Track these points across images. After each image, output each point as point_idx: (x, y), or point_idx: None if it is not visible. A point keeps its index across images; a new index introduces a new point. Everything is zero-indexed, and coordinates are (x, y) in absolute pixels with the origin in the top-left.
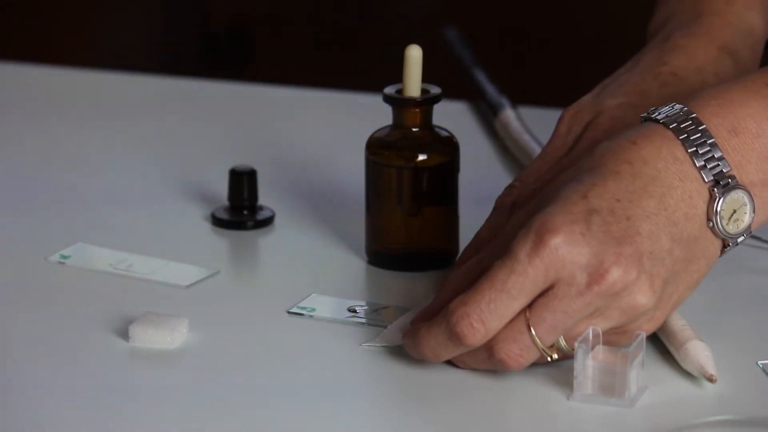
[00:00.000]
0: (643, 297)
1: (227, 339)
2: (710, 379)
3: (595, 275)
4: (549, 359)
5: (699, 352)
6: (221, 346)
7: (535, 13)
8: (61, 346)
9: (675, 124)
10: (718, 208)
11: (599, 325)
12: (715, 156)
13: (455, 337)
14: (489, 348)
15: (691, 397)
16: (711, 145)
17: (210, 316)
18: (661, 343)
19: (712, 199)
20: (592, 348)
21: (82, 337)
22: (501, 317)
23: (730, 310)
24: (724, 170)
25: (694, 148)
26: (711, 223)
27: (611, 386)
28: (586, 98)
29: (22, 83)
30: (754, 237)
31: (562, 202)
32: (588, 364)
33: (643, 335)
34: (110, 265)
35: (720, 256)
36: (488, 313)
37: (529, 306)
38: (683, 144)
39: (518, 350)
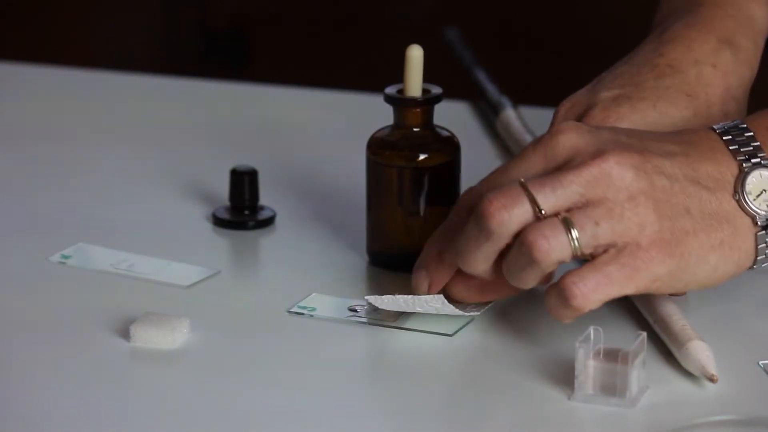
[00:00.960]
0: (644, 197)
1: (228, 339)
2: (711, 379)
3: (593, 155)
4: (539, 214)
5: (700, 352)
6: (222, 346)
7: (536, 13)
8: (62, 346)
9: (715, 125)
10: (747, 182)
11: (602, 219)
12: (752, 144)
13: (454, 211)
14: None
15: (692, 397)
16: (748, 136)
17: (211, 316)
18: (662, 343)
19: (740, 172)
20: (594, 348)
21: (83, 337)
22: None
23: (731, 310)
24: (759, 153)
25: (730, 137)
26: (737, 196)
27: (612, 386)
28: (582, 91)
29: (22, 83)
30: None
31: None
32: (589, 364)
33: (644, 335)
34: (111, 265)
35: (757, 246)
36: (486, 186)
37: None
38: (720, 134)
39: (504, 198)
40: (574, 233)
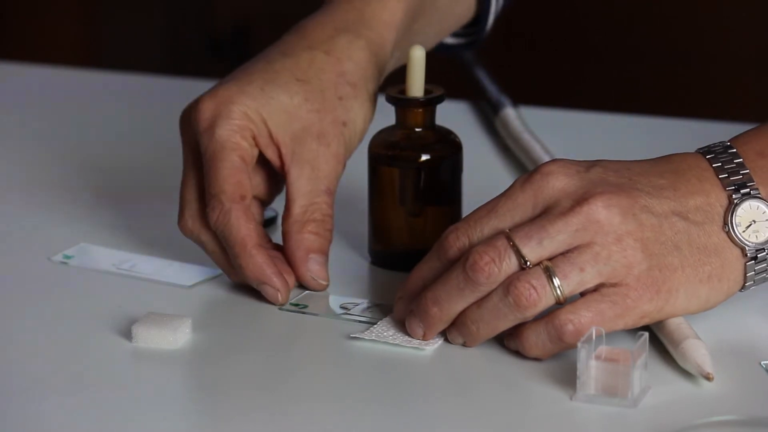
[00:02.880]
0: (632, 239)
1: (230, 339)
2: (707, 378)
3: (580, 200)
4: (525, 265)
5: (696, 351)
6: (224, 346)
7: (537, 13)
8: (64, 346)
9: (706, 148)
10: (736, 214)
11: (588, 264)
12: (741, 171)
13: (442, 251)
14: (465, 256)
15: (694, 398)
16: (738, 163)
17: (213, 316)
18: (663, 344)
19: (730, 204)
20: (596, 348)
21: (85, 337)
22: (483, 234)
23: (733, 309)
24: (747, 183)
25: (720, 164)
26: (727, 228)
27: (614, 386)
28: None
29: (22, 83)
30: None
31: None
32: (591, 364)
33: (646, 335)
34: (113, 265)
35: (746, 274)
36: (473, 230)
37: None
38: (710, 161)
39: (493, 253)
40: (557, 281)
